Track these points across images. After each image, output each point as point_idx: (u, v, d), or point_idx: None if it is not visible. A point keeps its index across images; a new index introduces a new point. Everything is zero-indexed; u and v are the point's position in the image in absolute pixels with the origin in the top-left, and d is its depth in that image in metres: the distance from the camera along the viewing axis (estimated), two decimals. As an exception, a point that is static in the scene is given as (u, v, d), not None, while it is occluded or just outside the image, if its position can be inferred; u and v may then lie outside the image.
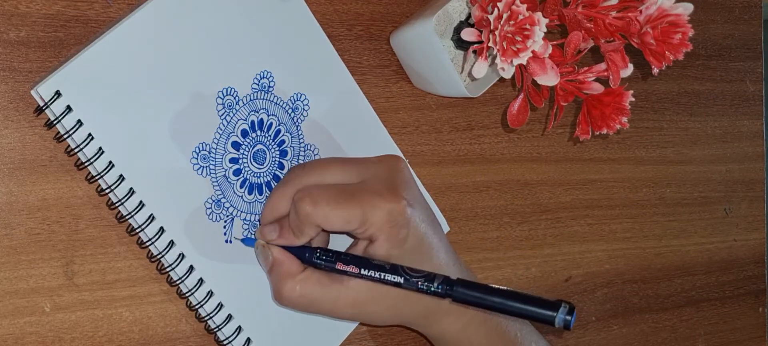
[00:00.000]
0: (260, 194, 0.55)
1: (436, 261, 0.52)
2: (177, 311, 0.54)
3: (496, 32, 0.49)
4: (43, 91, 0.47)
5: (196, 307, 0.53)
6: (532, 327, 0.58)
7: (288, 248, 0.52)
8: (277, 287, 0.51)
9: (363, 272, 0.50)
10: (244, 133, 0.54)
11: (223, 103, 0.53)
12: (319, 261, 0.51)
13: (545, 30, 0.49)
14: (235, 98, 0.54)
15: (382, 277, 0.50)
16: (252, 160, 0.55)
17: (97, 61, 0.49)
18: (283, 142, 0.56)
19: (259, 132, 0.55)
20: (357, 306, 0.51)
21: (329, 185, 0.51)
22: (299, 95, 0.57)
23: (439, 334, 0.55)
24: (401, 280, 0.49)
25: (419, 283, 0.49)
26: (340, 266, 0.51)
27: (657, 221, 0.77)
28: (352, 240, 0.54)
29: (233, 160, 0.54)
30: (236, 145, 0.54)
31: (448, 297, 0.49)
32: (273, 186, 0.56)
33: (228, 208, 0.54)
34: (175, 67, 0.51)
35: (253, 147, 0.55)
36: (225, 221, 0.54)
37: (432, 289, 0.49)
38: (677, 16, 0.49)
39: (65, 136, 0.49)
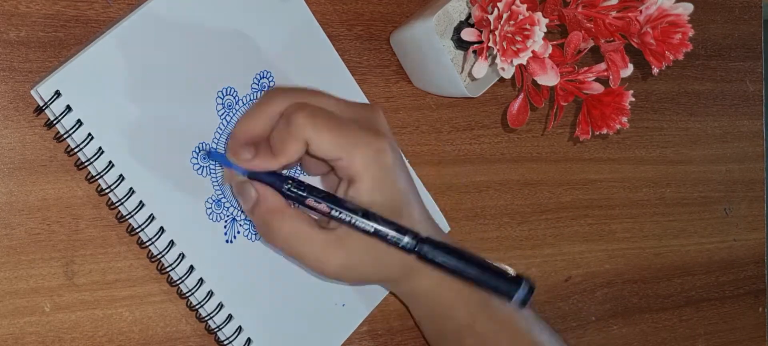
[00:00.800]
0: (260, 194, 0.55)
1: (411, 217, 0.50)
2: (177, 311, 0.54)
3: (496, 32, 0.49)
4: (42, 91, 0.47)
5: (197, 307, 0.53)
6: None
7: (259, 178, 0.49)
8: (268, 224, 0.48)
9: (334, 212, 0.48)
10: (244, 133, 0.54)
11: (223, 103, 0.53)
12: (290, 192, 0.48)
13: (545, 30, 0.49)
14: (235, 98, 0.54)
15: (353, 221, 0.47)
16: (252, 160, 0.55)
17: (97, 61, 0.49)
18: (283, 142, 0.56)
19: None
20: (343, 252, 0.49)
21: (326, 110, 0.48)
22: (299, 95, 0.57)
23: (412, 290, 0.54)
24: (371, 228, 0.47)
25: (389, 235, 0.48)
26: (310, 203, 0.48)
27: (657, 221, 0.77)
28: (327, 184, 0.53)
29: (233, 160, 0.54)
30: (236, 145, 0.54)
31: (415, 254, 0.48)
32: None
33: (228, 208, 0.54)
34: (175, 67, 0.51)
35: (253, 147, 0.55)
36: (225, 221, 0.54)
37: (401, 243, 0.48)
38: (677, 16, 0.49)
39: (65, 136, 0.49)
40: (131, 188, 0.50)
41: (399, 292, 0.56)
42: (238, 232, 0.54)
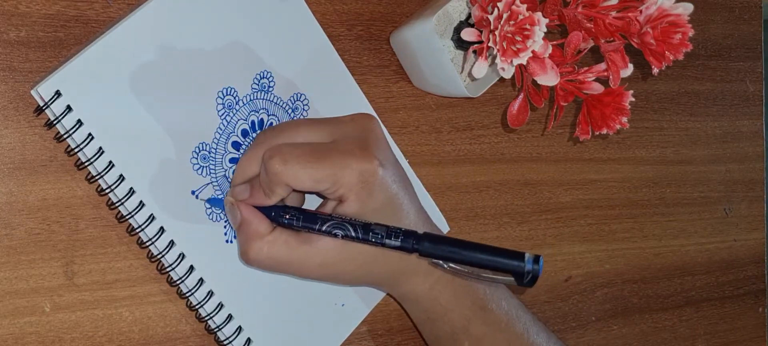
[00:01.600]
0: (260, 194, 0.55)
1: (406, 221, 0.51)
2: (177, 311, 0.54)
3: (496, 32, 0.49)
4: (43, 91, 0.47)
5: (197, 307, 0.53)
6: (505, 290, 0.58)
7: (258, 208, 0.51)
8: (244, 248, 0.50)
9: (329, 229, 0.49)
10: (245, 133, 0.54)
11: (223, 103, 0.53)
12: (284, 220, 0.50)
13: (545, 30, 0.49)
14: (235, 98, 0.54)
15: (350, 234, 0.49)
16: (252, 160, 0.55)
17: (97, 61, 0.49)
18: (283, 142, 0.56)
19: (259, 132, 0.55)
20: (325, 267, 0.51)
21: (301, 144, 0.50)
22: (299, 95, 0.57)
23: (408, 293, 0.55)
24: (368, 236, 0.49)
25: (386, 240, 0.49)
26: (304, 225, 0.50)
27: (657, 221, 0.77)
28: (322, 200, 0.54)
29: (233, 161, 0.54)
30: (236, 145, 0.54)
31: (415, 252, 0.49)
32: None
33: (228, 208, 0.54)
34: (175, 67, 0.51)
35: (253, 147, 0.55)
36: (225, 222, 0.54)
37: (398, 244, 0.49)
38: (677, 16, 0.49)
39: (65, 136, 0.49)
40: (131, 188, 0.50)
41: (396, 295, 0.57)
42: (238, 232, 0.54)
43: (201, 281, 0.52)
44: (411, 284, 0.54)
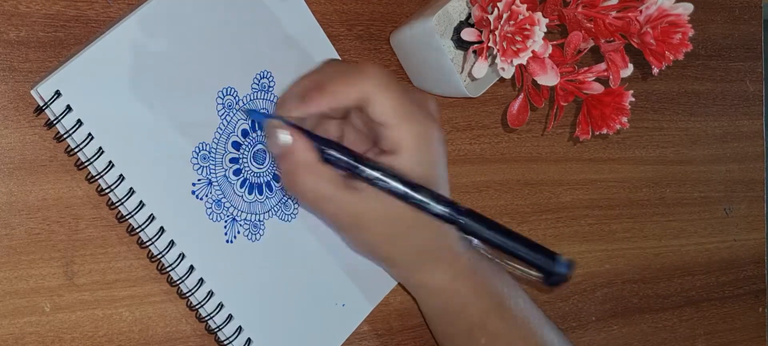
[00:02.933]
0: (260, 194, 0.55)
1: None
2: (177, 311, 0.54)
3: (496, 32, 0.49)
4: (43, 91, 0.47)
5: (197, 307, 0.53)
6: (520, 288, 0.57)
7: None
8: (292, 175, 0.48)
9: (382, 181, 0.47)
10: (245, 133, 0.54)
11: (223, 103, 0.53)
12: (333, 154, 0.47)
13: (545, 30, 0.49)
14: (235, 98, 0.54)
15: (398, 186, 0.47)
16: (252, 160, 0.55)
17: (97, 61, 0.49)
18: (283, 142, 0.56)
19: (259, 132, 0.55)
20: (360, 219, 0.49)
21: (391, 74, 0.49)
22: (299, 95, 0.57)
23: (426, 282, 0.54)
24: (416, 193, 0.47)
25: (432, 202, 0.47)
26: (355, 164, 0.47)
27: (657, 221, 0.77)
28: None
29: (233, 160, 0.54)
30: (236, 145, 0.54)
31: (456, 224, 0.48)
32: (273, 186, 0.56)
33: (228, 208, 0.54)
34: (175, 67, 0.51)
35: (254, 147, 0.55)
36: (225, 222, 0.54)
37: (443, 210, 0.48)
38: (677, 16, 0.49)
39: (65, 136, 0.49)
40: (131, 188, 0.50)
41: (411, 284, 0.56)
42: (238, 232, 0.54)
43: (201, 281, 0.52)
44: (432, 271, 0.53)
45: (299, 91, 0.48)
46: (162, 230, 0.51)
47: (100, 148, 0.49)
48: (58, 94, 0.47)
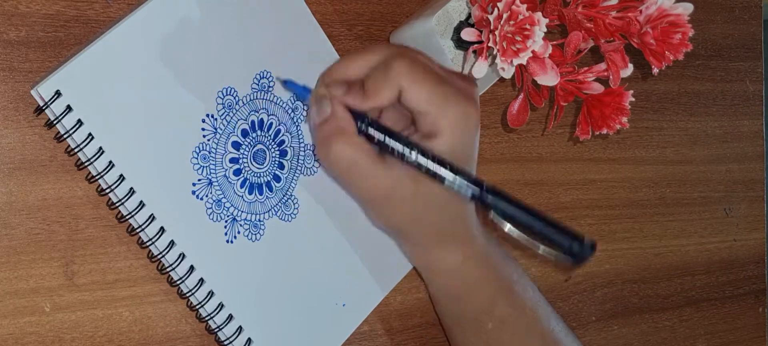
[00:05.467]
0: (260, 194, 0.55)
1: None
2: (177, 311, 0.54)
3: (496, 32, 0.49)
4: (43, 91, 0.47)
5: (197, 307, 0.53)
6: (528, 277, 0.58)
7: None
8: (327, 141, 0.48)
9: (410, 155, 0.48)
10: (245, 133, 0.54)
11: (223, 103, 0.53)
12: (371, 130, 0.49)
13: (545, 30, 0.49)
14: (235, 98, 0.54)
15: (433, 168, 0.48)
16: (252, 160, 0.55)
17: (97, 61, 0.49)
18: (283, 142, 0.56)
19: (259, 132, 0.55)
20: (389, 192, 0.49)
21: (426, 62, 0.49)
22: (299, 95, 0.57)
23: (438, 261, 0.54)
24: (444, 167, 0.48)
25: (458, 175, 0.48)
26: (390, 140, 0.49)
27: (657, 221, 0.77)
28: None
29: (233, 160, 0.54)
30: (236, 145, 0.54)
31: (481, 200, 0.49)
32: (273, 186, 0.56)
33: (228, 208, 0.54)
34: (175, 66, 0.51)
35: (254, 147, 0.55)
36: (225, 222, 0.54)
37: (470, 186, 0.48)
38: (677, 16, 0.49)
39: (65, 136, 0.49)
40: (131, 188, 0.50)
41: (423, 263, 0.56)
42: (239, 232, 0.54)
43: (201, 281, 0.52)
44: (445, 250, 0.53)
45: (341, 79, 0.50)
46: (162, 230, 0.51)
47: (101, 148, 0.49)
48: (58, 94, 0.47)
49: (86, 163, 0.49)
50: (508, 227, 0.48)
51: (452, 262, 0.54)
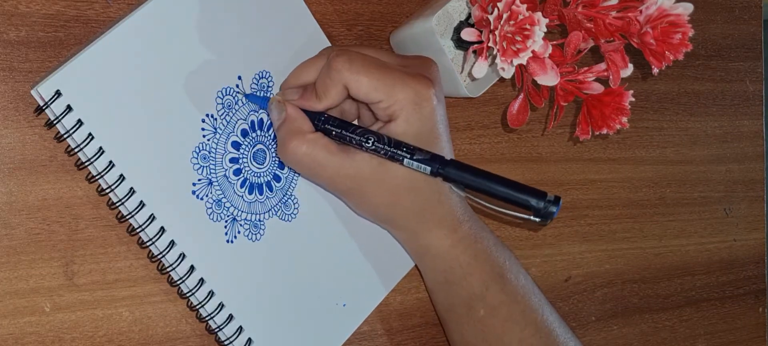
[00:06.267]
0: (260, 194, 0.55)
1: (441, 152, 0.53)
2: (177, 311, 0.54)
3: (496, 32, 0.49)
4: (43, 91, 0.47)
5: (197, 307, 0.53)
6: (518, 262, 0.58)
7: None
8: (284, 142, 0.52)
9: (360, 136, 0.51)
10: (245, 133, 0.54)
11: (223, 103, 0.53)
12: (327, 126, 0.52)
13: (545, 30, 0.49)
14: (235, 98, 0.54)
15: (379, 145, 0.50)
16: (252, 160, 0.55)
17: (97, 61, 0.49)
18: (283, 142, 0.56)
19: (259, 132, 0.55)
20: (357, 181, 0.52)
21: (368, 55, 0.52)
22: (299, 95, 0.57)
23: (428, 246, 0.55)
24: (397, 150, 0.50)
25: (414, 156, 0.50)
26: (339, 129, 0.51)
27: (657, 221, 0.77)
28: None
29: (233, 160, 0.54)
30: (236, 145, 0.54)
31: (440, 176, 0.50)
32: (273, 186, 0.56)
33: (228, 208, 0.54)
34: (175, 66, 0.51)
35: (253, 147, 0.55)
36: (225, 222, 0.54)
37: (425, 163, 0.50)
38: (677, 16, 0.49)
39: (65, 136, 0.49)
40: (132, 188, 0.50)
41: (414, 249, 0.56)
42: (239, 232, 0.54)
43: (201, 281, 0.52)
44: (433, 235, 0.54)
45: (295, 84, 0.54)
46: (162, 230, 0.51)
47: (101, 148, 0.49)
48: (58, 94, 0.47)
49: (86, 164, 0.49)
50: (471, 197, 0.50)
51: (442, 246, 0.55)
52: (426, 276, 0.58)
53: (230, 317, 0.53)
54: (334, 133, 0.52)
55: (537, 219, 0.48)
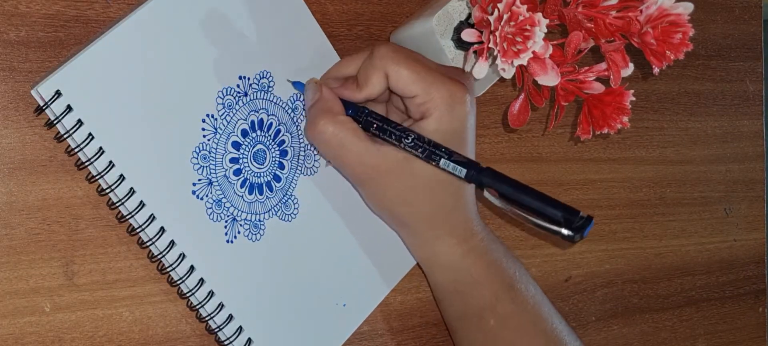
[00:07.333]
0: (260, 194, 0.55)
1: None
2: (177, 311, 0.54)
3: (497, 33, 0.49)
4: (43, 91, 0.47)
5: (197, 307, 0.53)
6: (528, 272, 0.58)
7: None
8: (313, 120, 0.52)
9: (406, 138, 0.51)
10: (245, 133, 0.54)
11: (223, 103, 0.53)
12: (370, 118, 0.52)
13: (545, 30, 0.49)
14: (235, 98, 0.54)
15: (417, 145, 0.51)
16: (252, 160, 0.55)
17: (97, 61, 0.49)
18: (283, 142, 0.56)
19: (259, 132, 0.55)
20: (378, 170, 0.52)
21: (410, 50, 0.53)
22: (299, 95, 0.57)
23: (440, 254, 0.55)
24: (435, 152, 0.50)
25: (450, 160, 0.50)
26: (378, 124, 0.52)
27: (657, 221, 0.77)
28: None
29: (233, 160, 0.54)
30: (236, 145, 0.54)
31: (475, 182, 0.50)
32: (273, 186, 0.56)
33: (228, 208, 0.54)
34: (175, 66, 0.51)
35: (254, 147, 0.55)
36: (225, 222, 0.54)
37: (461, 168, 0.50)
38: (677, 16, 0.49)
39: (65, 136, 0.49)
40: (132, 188, 0.50)
41: (423, 255, 0.56)
42: (239, 232, 0.54)
43: (201, 281, 0.52)
44: (444, 243, 0.54)
45: (336, 76, 0.54)
46: (162, 230, 0.51)
47: (101, 148, 0.49)
48: (58, 94, 0.47)
49: (86, 164, 0.49)
50: (499, 201, 0.50)
51: (454, 254, 0.54)
52: (434, 283, 0.58)
53: (230, 317, 0.53)
54: (375, 126, 0.52)
55: (568, 232, 0.48)
